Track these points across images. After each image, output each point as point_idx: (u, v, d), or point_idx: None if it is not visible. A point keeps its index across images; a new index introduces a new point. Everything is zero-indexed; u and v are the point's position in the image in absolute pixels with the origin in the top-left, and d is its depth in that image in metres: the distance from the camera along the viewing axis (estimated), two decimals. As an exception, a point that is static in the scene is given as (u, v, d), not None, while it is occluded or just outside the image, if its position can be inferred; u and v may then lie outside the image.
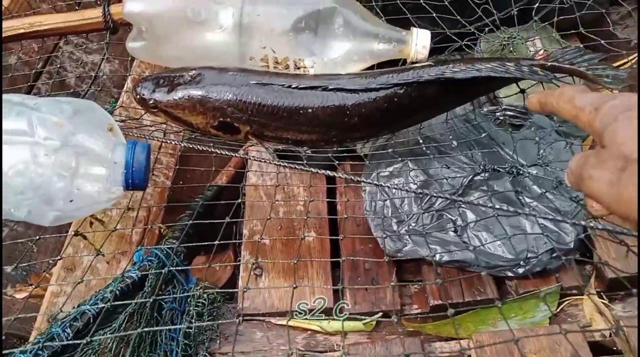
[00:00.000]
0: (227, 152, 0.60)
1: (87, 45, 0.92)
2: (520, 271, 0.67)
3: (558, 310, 0.69)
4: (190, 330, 0.66)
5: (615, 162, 0.29)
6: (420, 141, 0.69)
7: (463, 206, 0.71)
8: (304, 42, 0.64)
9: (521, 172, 0.64)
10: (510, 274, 0.68)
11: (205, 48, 0.67)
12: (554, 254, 0.67)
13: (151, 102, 0.63)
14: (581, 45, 0.77)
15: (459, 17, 0.77)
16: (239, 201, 0.67)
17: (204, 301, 0.68)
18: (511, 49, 0.77)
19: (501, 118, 0.80)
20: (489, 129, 0.76)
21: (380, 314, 0.70)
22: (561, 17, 0.76)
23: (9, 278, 0.89)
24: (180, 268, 0.68)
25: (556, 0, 0.78)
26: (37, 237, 0.58)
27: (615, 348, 0.64)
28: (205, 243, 0.61)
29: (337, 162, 0.70)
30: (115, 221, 0.68)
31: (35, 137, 0.46)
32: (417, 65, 0.63)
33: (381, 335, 0.70)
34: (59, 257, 0.58)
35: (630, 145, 0.28)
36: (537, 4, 0.78)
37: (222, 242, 0.59)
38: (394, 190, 0.73)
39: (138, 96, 0.64)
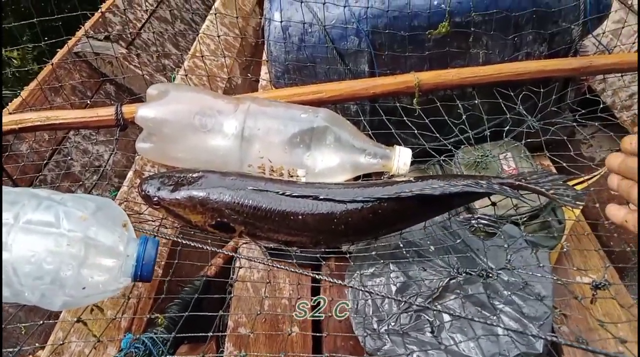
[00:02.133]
0: (217, 249, 0.64)
1: (94, 137, 0.98)
2: (492, 374, 0.71)
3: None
4: None
5: None
6: (401, 245, 0.75)
7: (439, 308, 0.75)
8: (297, 154, 0.71)
9: (490, 275, 0.70)
10: (482, 377, 0.72)
11: (209, 153, 0.73)
12: (523, 360, 0.71)
13: (155, 199, 0.69)
14: (550, 165, 0.86)
15: (437, 135, 0.86)
16: (228, 296, 0.71)
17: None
18: (484, 166, 0.85)
19: (475, 225, 0.87)
20: (464, 236, 0.82)
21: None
22: (528, 140, 0.85)
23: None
24: (164, 354, 0.70)
25: (524, 124, 0.88)
26: (41, 322, 0.60)
27: None
28: (192, 334, 0.64)
29: (323, 262, 0.75)
30: (107, 307, 0.71)
31: (61, 228, 0.50)
32: (399, 179, 0.70)
33: None
34: (59, 343, 0.60)
35: None
36: (507, 127, 0.87)
37: (207, 333, 0.62)
38: (375, 289, 0.78)
39: (143, 193, 0.70)
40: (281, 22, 0.91)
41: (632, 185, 0.50)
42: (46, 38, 0.97)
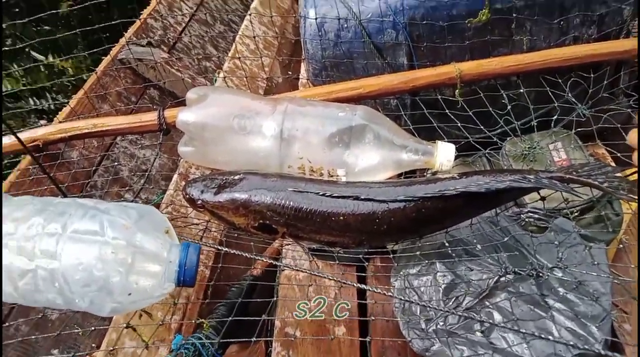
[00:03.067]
0: (261, 257, 0.65)
1: (140, 142, 1.01)
2: (547, 375, 0.68)
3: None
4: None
5: None
6: (446, 244, 0.73)
7: (490, 306, 0.73)
8: (337, 153, 0.70)
9: (541, 274, 0.67)
10: (537, 378, 0.69)
11: (249, 155, 0.74)
12: (581, 358, 0.68)
13: (199, 202, 0.70)
14: (605, 154, 0.82)
15: (482, 127, 0.83)
16: (273, 299, 0.71)
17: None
18: (531, 158, 0.82)
19: (526, 220, 0.84)
20: (513, 232, 0.79)
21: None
22: (580, 129, 0.81)
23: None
24: (213, 355, 0.71)
25: (574, 112, 0.84)
26: (93, 327, 0.63)
27: None
28: (236, 340, 0.65)
29: (366, 263, 0.74)
30: (156, 309, 0.73)
31: (105, 237, 0.52)
32: (442, 176, 0.68)
33: None
34: (110, 348, 0.63)
35: None
36: (555, 116, 0.83)
37: (255, 339, 0.62)
38: (422, 288, 0.76)
39: (187, 196, 0.71)
40: (316, 19, 0.90)
41: None
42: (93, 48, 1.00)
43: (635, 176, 0.86)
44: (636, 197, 0.63)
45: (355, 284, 0.62)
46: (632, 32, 0.98)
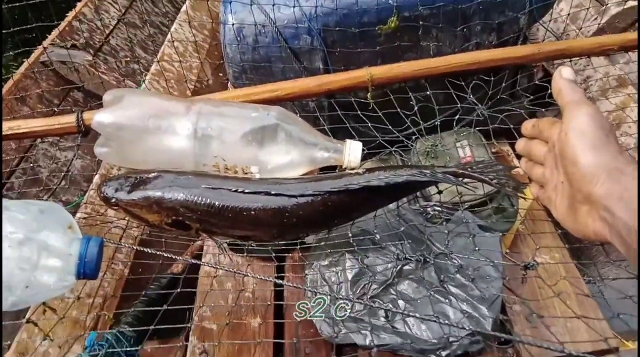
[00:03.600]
0: (174, 256, 0.67)
1: (60, 144, 1.01)
2: (444, 354, 0.74)
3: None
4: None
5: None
6: (350, 235, 0.78)
7: (393, 293, 0.78)
8: (250, 152, 0.73)
9: (428, 260, 0.73)
10: (435, 357, 0.75)
11: (165, 154, 0.75)
12: (473, 338, 0.75)
13: (113, 200, 0.71)
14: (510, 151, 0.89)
15: (390, 127, 0.89)
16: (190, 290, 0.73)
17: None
18: (432, 155, 0.88)
19: (431, 213, 0.90)
20: (416, 222, 0.85)
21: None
22: (485, 128, 0.89)
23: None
24: (128, 349, 0.72)
25: (474, 112, 0.91)
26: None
27: None
28: (150, 328, 0.67)
29: (273, 255, 0.78)
30: (71, 307, 0.73)
31: (4, 231, 0.53)
32: (348, 172, 0.73)
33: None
34: (14, 342, 0.63)
35: None
36: (457, 116, 0.90)
37: (163, 326, 0.64)
38: (332, 278, 0.81)
39: (102, 195, 0.72)
40: (233, 24, 0.94)
41: (533, 165, 0.53)
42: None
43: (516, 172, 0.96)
44: (521, 193, 0.70)
45: (269, 279, 0.66)
46: (529, 39, 1.07)
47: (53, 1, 0.97)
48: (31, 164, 1.04)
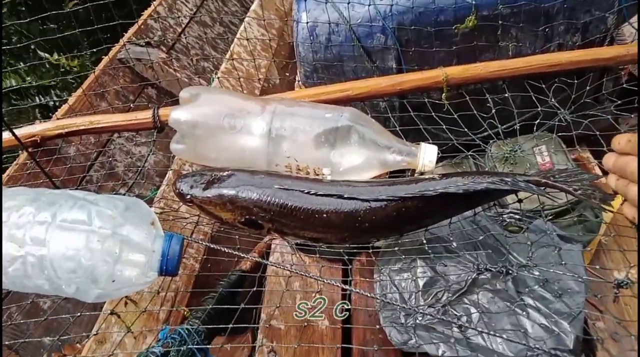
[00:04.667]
0: (244, 255, 0.67)
1: (136, 139, 1.04)
2: (520, 370, 0.71)
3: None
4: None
5: None
6: (424, 241, 0.75)
7: (467, 302, 0.75)
8: (323, 153, 0.72)
9: (510, 271, 0.70)
10: (510, 372, 0.71)
11: (238, 153, 0.76)
12: (554, 352, 0.70)
13: (188, 197, 0.73)
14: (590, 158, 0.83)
15: (466, 129, 0.85)
16: (258, 289, 0.73)
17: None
18: (512, 161, 0.84)
19: (507, 220, 0.86)
20: (494, 231, 0.81)
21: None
22: (560, 133, 0.84)
23: (45, 346, 0.96)
24: (199, 347, 0.73)
25: (556, 117, 0.86)
26: (79, 313, 0.65)
27: None
28: (222, 326, 0.67)
29: (345, 257, 0.77)
30: (146, 300, 0.75)
31: (92, 226, 0.55)
32: (423, 177, 0.71)
33: None
34: (94, 333, 0.65)
35: None
36: (537, 121, 0.86)
37: (237, 325, 0.65)
38: (402, 284, 0.79)
39: (177, 190, 0.74)
40: (307, 22, 0.93)
41: (628, 184, 0.49)
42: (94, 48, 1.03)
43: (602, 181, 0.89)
44: (607, 206, 0.65)
45: (337, 284, 0.65)
46: (616, 40, 1.00)
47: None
48: (109, 159, 1.08)
